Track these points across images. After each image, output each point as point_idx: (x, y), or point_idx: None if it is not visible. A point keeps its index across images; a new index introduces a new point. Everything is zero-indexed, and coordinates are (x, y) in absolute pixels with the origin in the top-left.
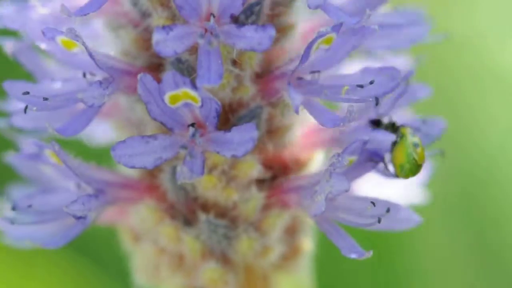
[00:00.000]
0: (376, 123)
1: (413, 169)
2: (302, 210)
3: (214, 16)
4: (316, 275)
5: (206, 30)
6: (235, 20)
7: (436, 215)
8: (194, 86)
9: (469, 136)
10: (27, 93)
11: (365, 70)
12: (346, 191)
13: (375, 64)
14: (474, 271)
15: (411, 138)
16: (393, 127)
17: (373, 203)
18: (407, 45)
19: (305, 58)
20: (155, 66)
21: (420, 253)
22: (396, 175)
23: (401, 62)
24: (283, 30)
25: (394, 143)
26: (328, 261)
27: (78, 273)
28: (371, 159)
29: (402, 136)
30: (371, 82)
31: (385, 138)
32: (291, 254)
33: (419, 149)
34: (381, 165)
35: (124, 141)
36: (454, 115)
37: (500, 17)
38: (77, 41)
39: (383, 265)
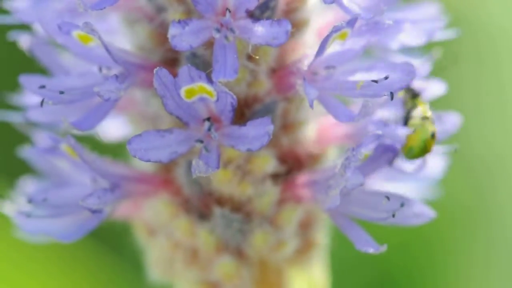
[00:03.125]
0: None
1: (419, 155)
2: (316, 205)
3: (229, 11)
4: (330, 269)
5: (221, 25)
6: (250, 15)
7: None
8: (209, 80)
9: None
10: (43, 87)
11: (380, 65)
12: (361, 185)
13: (391, 59)
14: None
15: (431, 126)
16: (412, 97)
17: (387, 197)
18: (422, 41)
19: (320, 53)
20: (171, 61)
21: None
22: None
23: (417, 57)
24: (298, 25)
25: (407, 118)
26: (342, 255)
27: (97, 264)
28: (386, 154)
29: (423, 118)
30: (386, 78)
31: (400, 132)
32: (305, 248)
33: (432, 138)
34: (396, 159)
35: (139, 135)
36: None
37: None
38: (94, 35)
39: (395, 258)
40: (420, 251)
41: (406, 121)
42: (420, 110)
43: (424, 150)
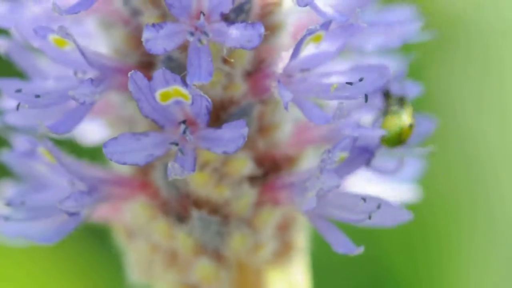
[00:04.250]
0: (386, 95)
1: (393, 140)
2: (294, 207)
3: (204, 14)
4: (311, 271)
5: (196, 28)
6: (225, 18)
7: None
8: (184, 83)
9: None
10: (20, 90)
11: (355, 68)
12: (337, 187)
13: (366, 61)
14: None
15: (409, 117)
16: (400, 101)
17: (364, 199)
18: (398, 43)
19: (294, 55)
20: (146, 64)
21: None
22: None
23: (392, 60)
24: (273, 28)
25: (387, 111)
26: (321, 257)
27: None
28: (362, 155)
29: (401, 107)
30: (361, 80)
31: (375, 134)
32: (284, 250)
33: (409, 128)
34: (373, 161)
35: (115, 138)
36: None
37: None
38: (69, 39)
39: (375, 261)
40: (420, 248)
41: (385, 113)
42: (400, 105)
43: (399, 137)
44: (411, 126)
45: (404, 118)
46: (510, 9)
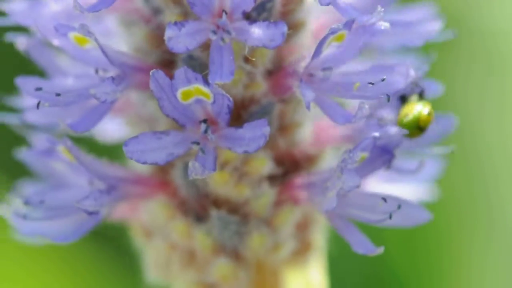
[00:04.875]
0: (402, 99)
1: (412, 125)
2: (313, 206)
3: (226, 13)
4: (328, 271)
5: (218, 27)
6: (247, 16)
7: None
8: (206, 82)
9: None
10: (40, 89)
11: (377, 68)
12: (358, 187)
13: (387, 61)
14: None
15: (427, 105)
16: (419, 96)
17: (384, 199)
18: (418, 43)
19: (316, 54)
20: (167, 63)
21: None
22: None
23: (413, 59)
24: (295, 27)
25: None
26: (340, 257)
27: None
28: (383, 156)
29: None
30: (383, 80)
31: (397, 134)
32: (302, 250)
33: (427, 115)
34: (393, 161)
35: (136, 137)
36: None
37: None
38: (90, 37)
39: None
40: (421, 247)
41: (403, 103)
42: (418, 97)
43: (418, 122)
44: (429, 114)
45: (422, 105)
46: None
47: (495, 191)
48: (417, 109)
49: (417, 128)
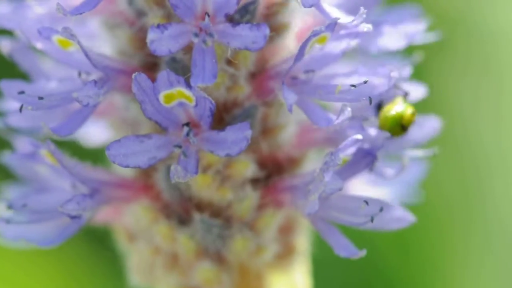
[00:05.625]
0: (379, 107)
1: (394, 123)
2: (296, 209)
3: (209, 15)
4: (313, 274)
5: (200, 29)
6: (230, 19)
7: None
8: (188, 85)
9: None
10: (23, 92)
11: (359, 70)
12: (340, 190)
13: (370, 64)
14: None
15: (409, 106)
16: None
17: (366, 202)
18: (402, 45)
19: (299, 57)
20: (151, 66)
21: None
22: (379, 125)
23: (397, 61)
24: (278, 29)
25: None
26: (324, 260)
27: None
28: (366, 158)
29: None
30: (365, 82)
31: (379, 136)
32: (285, 253)
33: (411, 114)
34: (376, 163)
35: (118, 141)
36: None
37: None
38: (73, 40)
39: (376, 264)
40: (409, 250)
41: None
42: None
43: (400, 120)
44: (413, 114)
45: (404, 104)
46: (508, 10)
47: (490, 192)
48: (401, 106)
49: (399, 125)
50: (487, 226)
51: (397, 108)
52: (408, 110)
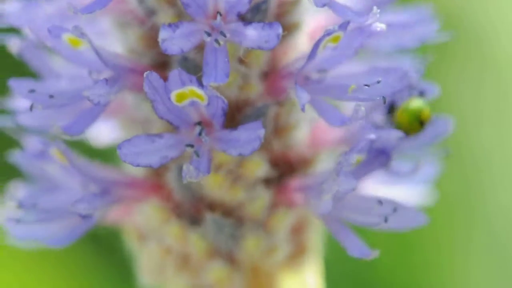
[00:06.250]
0: (392, 106)
1: (413, 117)
2: (309, 209)
3: (220, 14)
4: (324, 274)
5: (212, 28)
6: (242, 18)
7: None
8: (200, 84)
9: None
10: (33, 91)
11: (372, 70)
12: (353, 190)
13: (383, 63)
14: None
15: (424, 104)
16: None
17: (380, 202)
18: (415, 44)
19: (312, 56)
20: (162, 64)
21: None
22: (395, 122)
23: (409, 60)
24: (290, 29)
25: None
26: (336, 261)
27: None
28: (379, 158)
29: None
30: (378, 82)
31: (393, 135)
32: (298, 253)
33: (429, 110)
34: (389, 164)
35: (129, 140)
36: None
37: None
38: (83, 38)
39: (390, 264)
40: (417, 252)
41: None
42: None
43: (420, 113)
44: (429, 111)
45: (422, 103)
46: (507, 11)
47: (491, 192)
48: (420, 102)
49: (418, 121)
50: (489, 228)
51: (416, 103)
52: (426, 106)
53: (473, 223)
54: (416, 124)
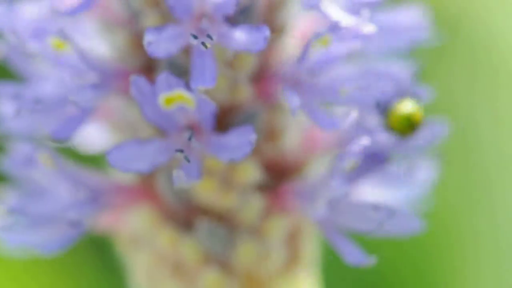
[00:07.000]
0: (385, 110)
1: (405, 121)
2: (303, 215)
3: (207, 17)
4: (320, 281)
5: (199, 31)
6: (229, 20)
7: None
8: (188, 87)
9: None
10: (18, 95)
11: (364, 72)
12: (347, 195)
13: (375, 66)
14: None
15: (416, 105)
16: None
17: (375, 207)
18: (406, 46)
19: (301, 59)
20: (149, 67)
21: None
22: (387, 125)
23: (402, 63)
24: (278, 31)
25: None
26: (332, 267)
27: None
28: (373, 162)
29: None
30: (370, 85)
31: (386, 139)
32: (292, 259)
33: (420, 113)
34: (383, 168)
35: (119, 145)
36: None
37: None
38: (68, 42)
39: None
40: (417, 256)
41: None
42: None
43: (411, 117)
44: (421, 113)
45: (410, 103)
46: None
47: (488, 195)
48: (412, 105)
49: (410, 124)
50: (497, 230)
51: (407, 106)
52: (418, 109)
53: (471, 224)
54: (407, 128)
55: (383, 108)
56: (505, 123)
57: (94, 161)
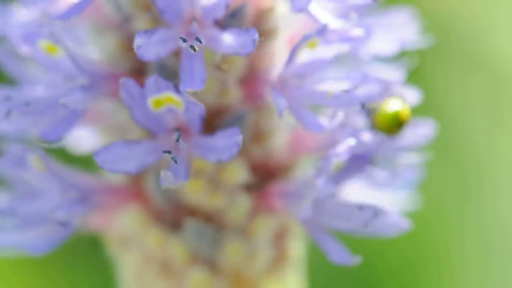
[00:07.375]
0: (371, 112)
1: (391, 119)
2: (289, 215)
3: (196, 20)
4: (307, 280)
5: (188, 34)
6: (218, 24)
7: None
8: (177, 90)
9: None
10: (9, 98)
11: (351, 75)
12: (333, 195)
13: (363, 68)
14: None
15: (403, 103)
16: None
17: (360, 207)
18: (394, 49)
19: (289, 62)
20: (139, 71)
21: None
22: (374, 124)
23: (389, 66)
24: (267, 34)
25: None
26: (319, 266)
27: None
28: (359, 163)
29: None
30: (357, 88)
31: (372, 140)
32: (279, 259)
33: (407, 111)
34: (369, 169)
35: (107, 146)
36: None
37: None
38: (59, 45)
39: (370, 269)
40: (406, 255)
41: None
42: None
43: (397, 115)
44: (408, 112)
45: (397, 101)
46: (499, 13)
47: (480, 196)
48: (398, 103)
49: (396, 123)
50: (485, 231)
51: (394, 104)
52: (405, 108)
53: (463, 225)
54: (394, 126)
55: (370, 108)
56: (498, 123)
57: (84, 162)
